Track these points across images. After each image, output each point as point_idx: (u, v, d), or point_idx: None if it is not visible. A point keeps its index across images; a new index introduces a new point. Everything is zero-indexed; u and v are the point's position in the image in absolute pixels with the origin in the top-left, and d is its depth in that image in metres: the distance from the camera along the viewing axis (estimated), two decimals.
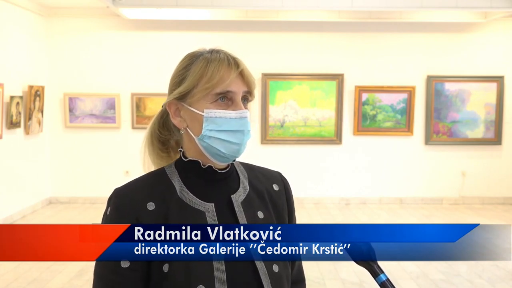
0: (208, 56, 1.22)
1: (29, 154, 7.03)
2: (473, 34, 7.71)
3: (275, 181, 1.38)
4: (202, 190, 1.24)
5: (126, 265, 1.17)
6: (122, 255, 1.16)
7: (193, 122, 1.22)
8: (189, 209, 1.21)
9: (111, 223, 1.19)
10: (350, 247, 1.19)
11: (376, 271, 1.16)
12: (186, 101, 1.23)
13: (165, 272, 1.15)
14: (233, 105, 1.21)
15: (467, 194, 7.89)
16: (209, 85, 1.19)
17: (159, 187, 1.23)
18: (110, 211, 1.22)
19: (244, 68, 1.22)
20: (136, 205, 1.19)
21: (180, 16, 7.25)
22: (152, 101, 7.54)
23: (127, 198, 1.21)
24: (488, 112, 7.75)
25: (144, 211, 1.18)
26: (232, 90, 1.20)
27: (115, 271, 1.18)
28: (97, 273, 1.22)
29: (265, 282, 1.19)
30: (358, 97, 7.66)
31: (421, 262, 5.09)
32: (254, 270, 1.19)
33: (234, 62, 1.22)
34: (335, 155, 7.79)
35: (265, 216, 1.28)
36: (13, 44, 6.62)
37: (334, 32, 7.66)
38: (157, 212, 1.19)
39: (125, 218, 1.18)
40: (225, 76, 1.19)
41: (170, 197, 1.21)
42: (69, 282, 4.51)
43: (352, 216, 7.03)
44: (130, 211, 1.18)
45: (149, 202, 1.19)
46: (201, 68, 1.21)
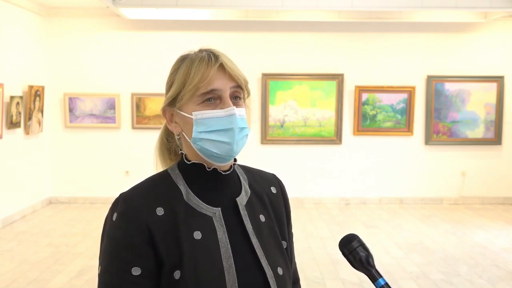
0: (192, 57, 1.20)
1: (29, 154, 7.03)
2: (473, 34, 7.71)
3: (272, 184, 1.36)
4: (207, 193, 1.22)
5: (138, 272, 1.12)
6: (133, 262, 1.12)
7: (185, 126, 1.21)
8: (197, 214, 1.19)
9: (120, 229, 1.14)
10: (349, 253, 1.20)
11: (375, 276, 1.16)
12: (176, 105, 1.21)
13: (176, 279, 1.12)
14: (221, 103, 1.18)
15: (467, 194, 7.89)
16: (191, 86, 1.16)
17: (165, 191, 1.20)
18: (117, 217, 1.15)
19: (224, 62, 1.17)
20: (145, 210, 1.15)
21: (180, 16, 7.25)
22: (152, 101, 7.54)
23: (136, 203, 1.16)
24: (488, 112, 7.74)
25: (154, 216, 1.14)
26: (216, 87, 1.16)
27: (125, 279, 1.12)
28: (105, 282, 1.14)
29: (273, 285, 1.18)
30: (358, 97, 7.65)
31: (421, 262, 5.09)
32: (262, 274, 1.19)
33: (214, 58, 1.17)
34: (335, 155, 7.79)
35: (266, 219, 1.27)
36: (13, 44, 6.62)
37: (334, 32, 7.66)
38: (167, 218, 1.16)
39: (134, 224, 1.13)
40: (205, 74, 1.16)
41: (177, 202, 1.18)
42: (69, 282, 4.51)
43: (352, 216, 7.03)
44: (139, 218, 1.14)
45: (158, 207, 1.16)
46: (185, 70, 1.19)
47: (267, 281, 1.18)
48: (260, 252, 1.20)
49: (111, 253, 1.15)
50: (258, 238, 1.22)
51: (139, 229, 1.13)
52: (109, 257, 1.15)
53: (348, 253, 1.20)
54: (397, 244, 5.66)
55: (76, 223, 6.52)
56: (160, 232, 1.13)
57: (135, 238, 1.12)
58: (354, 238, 1.21)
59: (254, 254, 1.20)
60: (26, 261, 5.07)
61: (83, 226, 6.37)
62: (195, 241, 1.15)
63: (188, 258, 1.13)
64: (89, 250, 5.36)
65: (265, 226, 1.26)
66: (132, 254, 1.12)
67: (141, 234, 1.12)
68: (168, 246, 1.13)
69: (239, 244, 1.19)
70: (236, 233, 1.20)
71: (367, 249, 1.20)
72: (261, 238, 1.22)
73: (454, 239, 5.92)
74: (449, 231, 6.27)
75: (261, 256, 1.20)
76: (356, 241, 1.20)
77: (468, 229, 6.38)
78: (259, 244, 1.21)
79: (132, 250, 1.12)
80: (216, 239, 1.17)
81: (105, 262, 1.15)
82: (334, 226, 6.44)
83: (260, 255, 1.20)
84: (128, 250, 1.12)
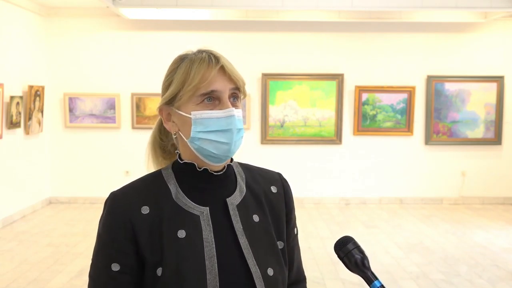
0: (192, 57, 1.21)
1: (29, 154, 7.03)
2: (473, 34, 7.71)
3: (273, 183, 1.36)
4: (198, 193, 1.23)
5: (117, 268, 1.17)
6: (113, 258, 1.17)
7: (183, 125, 1.22)
8: (184, 213, 1.20)
9: (105, 227, 1.19)
10: (344, 255, 1.20)
11: (370, 278, 1.16)
12: (175, 104, 1.22)
13: (159, 276, 1.15)
14: (220, 104, 1.19)
15: (467, 194, 7.89)
16: (191, 86, 1.17)
17: (155, 190, 1.22)
18: (105, 214, 1.20)
19: (225, 64, 1.19)
20: (130, 209, 1.18)
21: (180, 16, 7.25)
22: (152, 101, 7.54)
23: (121, 201, 1.19)
24: (488, 112, 7.74)
25: (138, 215, 1.17)
26: (216, 89, 1.18)
27: (106, 274, 1.17)
28: (90, 275, 1.22)
29: (259, 286, 1.17)
30: (358, 97, 7.65)
31: (421, 262, 5.09)
32: (248, 274, 1.18)
33: (214, 59, 1.19)
34: (335, 155, 7.79)
35: (260, 219, 1.27)
36: (13, 44, 6.62)
37: (334, 32, 7.66)
38: (152, 216, 1.18)
39: (118, 222, 1.17)
40: (206, 75, 1.17)
41: (165, 201, 1.20)
42: (69, 282, 4.51)
43: (352, 216, 7.03)
44: (124, 215, 1.17)
45: (143, 206, 1.18)
46: (184, 70, 1.19)
47: (253, 282, 1.18)
48: (248, 252, 1.20)
49: (97, 248, 1.21)
50: (248, 238, 1.22)
51: (123, 226, 1.17)
52: (95, 253, 1.21)
53: (343, 256, 1.20)
54: (397, 244, 5.66)
55: (76, 223, 6.52)
56: (143, 230, 1.17)
57: (118, 234, 1.17)
58: (349, 240, 1.21)
59: (242, 255, 1.20)
60: (26, 261, 5.07)
61: (83, 226, 6.37)
62: (178, 240, 1.17)
63: (170, 256, 1.15)
64: (89, 250, 5.36)
65: (258, 226, 1.25)
66: (113, 250, 1.17)
67: (124, 230, 1.17)
68: (151, 244, 1.16)
69: (227, 244, 1.20)
70: (224, 233, 1.21)
71: (362, 251, 1.20)
72: (251, 238, 1.22)
73: (454, 239, 5.92)
74: (449, 231, 6.27)
75: (248, 256, 1.19)
76: (351, 243, 1.20)
77: (468, 229, 6.38)
78: (248, 244, 1.21)
79: (114, 246, 1.17)
80: (201, 238, 1.18)
81: (93, 257, 1.22)
82: (334, 226, 6.44)
83: (248, 255, 1.19)
84: (111, 246, 1.17)
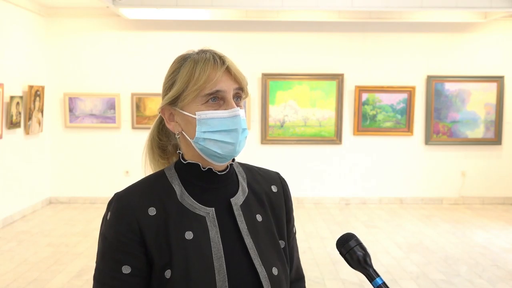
0: (195, 57, 1.20)
1: (29, 154, 7.03)
2: (473, 34, 7.71)
3: (273, 183, 1.36)
4: (202, 194, 1.23)
5: (128, 270, 1.15)
6: (123, 261, 1.15)
7: (187, 125, 1.21)
8: (190, 215, 1.19)
9: (112, 228, 1.17)
10: (346, 252, 1.20)
11: (372, 275, 1.16)
12: (178, 105, 1.21)
13: (167, 278, 1.14)
14: (224, 104, 1.19)
15: (467, 194, 7.89)
16: (196, 86, 1.17)
17: (160, 191, 1.21)
18: (110, 216, 1.18)
19: (230, 65, 1.19)
20: (137, 210, 1.17)
21: (180, 16, 7.25)
22: (152, 101, 7.54)
23: (128, 203, 1.18)
24: (488, 112, 7.74)
25: (145, 216, 1.16)
26: (221, 89, 1.18)
27: (116, 277, 1.15)
28: (97, 279, 1.19)
29: (266, 286, 1.18)
30: (358, 97, 7.65)
31: (421, 262, 5.09)
32: (254, 273, 1.19)
33: (220, 60, 1.19)
34: (335, 155, 7.79)
35: (263, 219, 1.27)
36: (13, 44, 6.62)
37: (334, 32, 7.66)
38: (158, 218, 1.17)
39: (126, 224, 1.15)
40: (211, 76, 1.17)
41: (170, 202, 1.20)
42: (69, 282, 4.51)
43: (352, 216, 7.03)
44: (131, 217, 1.16)
45: (150, 207, 1.18)
46: (188, 70, 1.19)
47: (260, 281, 1.18)
48: (253, 252, 1.20)
49: (103, 251, 1.18)
50: (253, 238, 1.22)
51: (130, 228, 1.15)
52: (101, 256, 1.19)
53: (345, 253, 1.20)
54: (397, 244, 5.66)
55: (76, 223, 6.52)
56: (151, 232, 1.15)
57: (126, 237, 1.15)
58: (351, 237, 1.21)
59: (248, 254, 1.20)
60: (26, 261, 5.07)
61: (83, 226, 6.37)
62: (186, 241, 1.16)
63: (178, 258, 1.14)
64: (89, 250, 5.36)
65: (261, 226, 1.26)
66: (122, 253, 1.15)
67: (132, 233, 1.15)
68: (159, 246, 1.15)
69: (232, 244, 1.20)
70: (230, 233, 1.21)
71: (365, 248, 1.20)
72: (256, 238, 1.23)
73: (454, 239, 5.92)
74: (449, 231, 6.27)
75: (254, 256, 1.20)
76: (353, 240, 1.20)
77: (468, 229, 6.38)
78: (253, 244, 1.21)
79: (123, 248, 1.15)
80: (208, 239, 1.18)
81: (98, 260, 1.19)
82: (334, 226, 6.44)
83: (254, 255, 1.20)
84: (119, 248, 1.15)
